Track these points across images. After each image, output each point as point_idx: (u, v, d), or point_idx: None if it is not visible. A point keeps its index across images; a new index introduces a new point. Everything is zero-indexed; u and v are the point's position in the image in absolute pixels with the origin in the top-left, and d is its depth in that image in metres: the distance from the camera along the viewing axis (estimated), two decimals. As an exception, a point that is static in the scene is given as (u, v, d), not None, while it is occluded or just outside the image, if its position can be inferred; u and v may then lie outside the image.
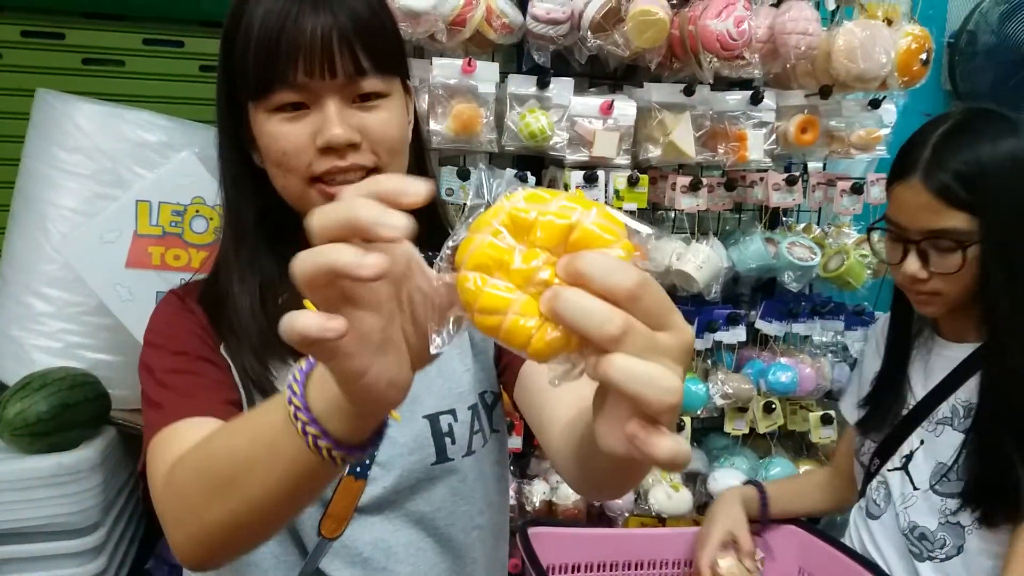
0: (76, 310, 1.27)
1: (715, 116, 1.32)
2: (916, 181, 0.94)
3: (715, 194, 1.38)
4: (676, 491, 1.36)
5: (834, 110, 1.38)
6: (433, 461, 0.76)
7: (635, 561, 1.27)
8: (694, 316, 1.38)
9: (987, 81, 2.72)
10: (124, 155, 1.28)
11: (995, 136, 0.93)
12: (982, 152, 0.92)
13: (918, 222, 0.96)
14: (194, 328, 0.74)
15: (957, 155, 0.92)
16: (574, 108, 1.27)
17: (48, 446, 1.13)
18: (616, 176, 1.29)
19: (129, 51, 1.60)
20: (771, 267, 1.36)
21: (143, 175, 1.29)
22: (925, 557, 1.05)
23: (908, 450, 1.08)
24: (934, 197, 0.93)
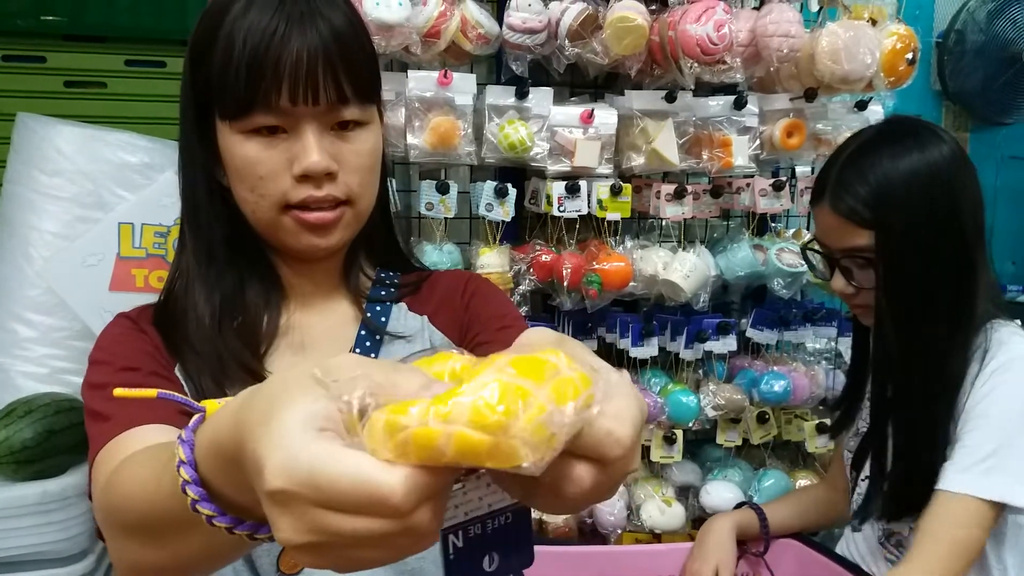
0: (61, 335, 1.26)
1: (698, 122, 1.30)
2: (825, 205, 1.00)
3: (701, 201, 1.36)
4: (669, 506, 1.33)
5: (820, 113, 1.35)
6: None
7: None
8: (683, 326, 1.36)
9: (976, 80, 2.70)
10: (105, 177, 1.27)
11: (898, 153, 0.96)
12: (881, 171, 0.96)
13: (834, 241, 1.01)
14: (145, 347, 0.71)
15: (860, 177, 0.97)
16: (554, 118, 1.25)
17: (34, 473, 1.11)
18: (599, 186, 1.27)
19: (111, 72, 1.59)
20: (760, 274, 1.34)
21: (125, 197, 1.28)
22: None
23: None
24: (841, 219, 0.98)
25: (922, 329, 0.98)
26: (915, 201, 0.95)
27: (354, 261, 0.78)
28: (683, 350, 1.36)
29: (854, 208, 0.97)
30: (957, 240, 0.96)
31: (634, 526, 1.32)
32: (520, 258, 1.29)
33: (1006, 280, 2.83)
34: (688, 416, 1.33)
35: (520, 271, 1.28)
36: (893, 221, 0.96)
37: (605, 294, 1.27)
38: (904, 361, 1.00)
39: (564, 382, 0.32)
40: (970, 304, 0.98)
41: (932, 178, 0.95)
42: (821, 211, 1.02)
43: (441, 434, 0.30)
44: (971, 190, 0.98)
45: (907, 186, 0.95)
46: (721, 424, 1.38)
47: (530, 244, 1.31)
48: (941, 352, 0.98)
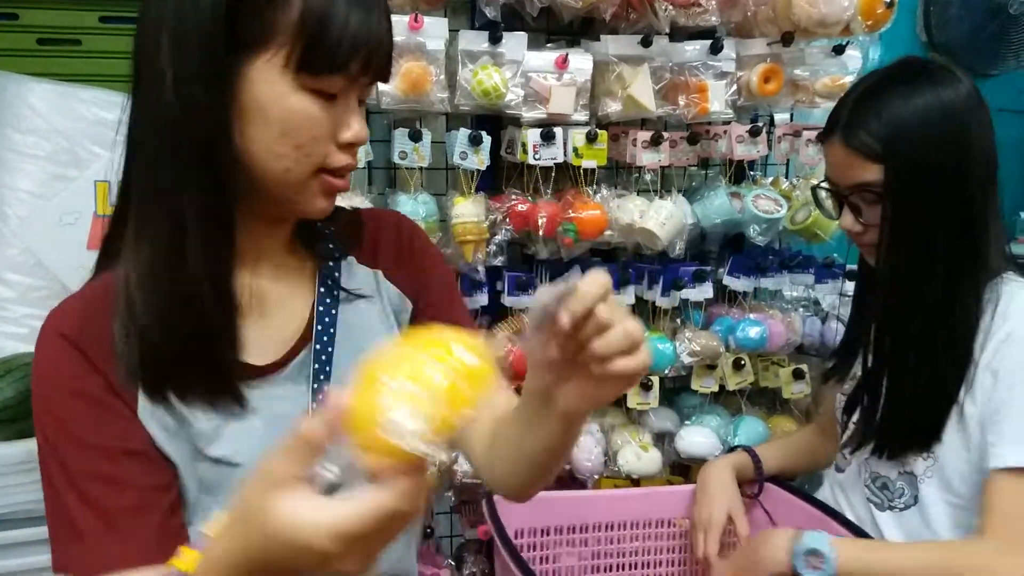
0: (39, 294, 1.25)
1: (674, 68, 1.29)
2: (837, 139, 1.00)
3: (678, 149, 1.35)
4: (645, 451, 1.35)
5: (797, 58, 1.34)
6: None
7: (605, 523, 1.26)
8: (659, 275, 1.36)
9: (963, 31, 2.68)
10: (80, 134, 1.26)
11: (912, 91, 0.96)
12: (895, 107, 0.96)
13: (844, 178, 1.01)
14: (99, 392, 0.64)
15: (873, 111, 0.97)
16: (528, 64, 1.24)
17: (16, 432, 1.12)
18: (574, 133, 1.27)
19: (85, 29, 1.55)
20: (736, 221, 1.34)
21: (101, 154, 1.27)
22: (886, 507, 1.05)
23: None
24: (852, 153, 0.98)
25: (924, 271, 0.97)
26: (927, 138, 0.94)
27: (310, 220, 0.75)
28: (659, 298, 1.36)
29: (865, 142, 0.96)
30: (967, 183, 0.95)
31: (611, 472, 1.34)
32: (496, 207, 1.29)
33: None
34: (664, 363, 1.34)
35: (496, 220, 1.28)
36: (904, 156, 0.95)
37: (581, 243, 1.28)
38: (904, 305, 0.99)
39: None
40: (977, 252, 0.96)
41: (945, 116, 0.94)
42: (832, 145, 1.01)
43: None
44: (985, 133, 0.98)
45: (920, 122, 0.94)
46: (697, 371, 1.40)
47: (506, 194, 1.31)
48: (944, 299, 0.96)
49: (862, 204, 1.00)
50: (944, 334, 0.96)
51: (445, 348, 0.45)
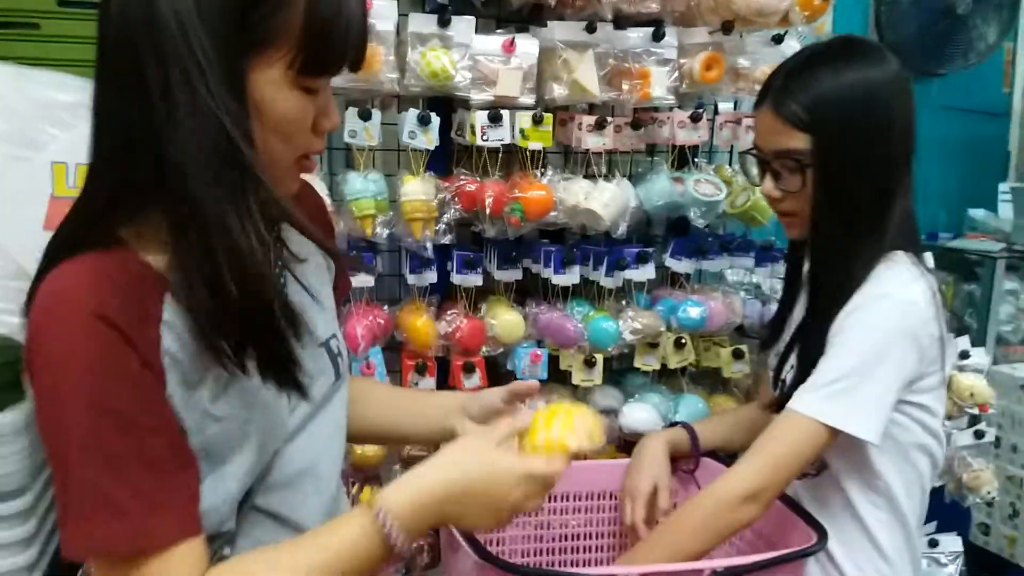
0: (-6, 275, 1.25)
1: (619, 54, 1.33)
2: (767, 106, 1.05)
3: (623, 134, 1.39)
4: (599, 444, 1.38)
5: (738, 47, 1.39)
6: (333, 380, 0.85)
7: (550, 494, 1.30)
8: (604, 256, 1.40)
9: (912, 31, 2.77)
10: (36, 116, 1.25)
11: (842, 66, 1.01)
12: (824, 80, 1.01)
13: (770, 144, 1.06)
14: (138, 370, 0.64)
15: (803, 83, 1.02)
16: (476, 47, 1.27)
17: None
18: (521, 116, 1.30)
19: (43, 13, 1.53)
20: (678, 204, 1.38)
21: (57, 136, 1.26)
22: (808, 472, 1.10)
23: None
24: (780, 120, 1.03)
25: (837, 241, 1.03)
26: (852, 112, 1.00)
27: None
28: (603, 278, 1.41)
29: (793, 110, 1.01)
30: (884, 158, 1.01)
31: (556, 446, 1.38)
32: (445, 187, 1.31)
33: (939, 227, 2.94)
34: (607, 341, 1.38)
35: (445, 200, 1.31)
36: (828, 126, 1.00)
37: (527, 222, 1.31)
38: (816, 272, 1.06)
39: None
40: (880, 226, 1.02)
41: (870, 93, 1.00)
42: (762, 113, 1.06)
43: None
44: (905, 112, 1.03)
45: (846, 96, 1.00)
46: (639, 348, 1.44)
47: (455, 175, 1.34)
48: (848, 269, 1.02)
49: (784, 171, 1.05)
50: (834, 296, 1.02)
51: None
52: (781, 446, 0.99)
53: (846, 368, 0.98)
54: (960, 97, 2.96)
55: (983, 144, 3.05)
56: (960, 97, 2.96)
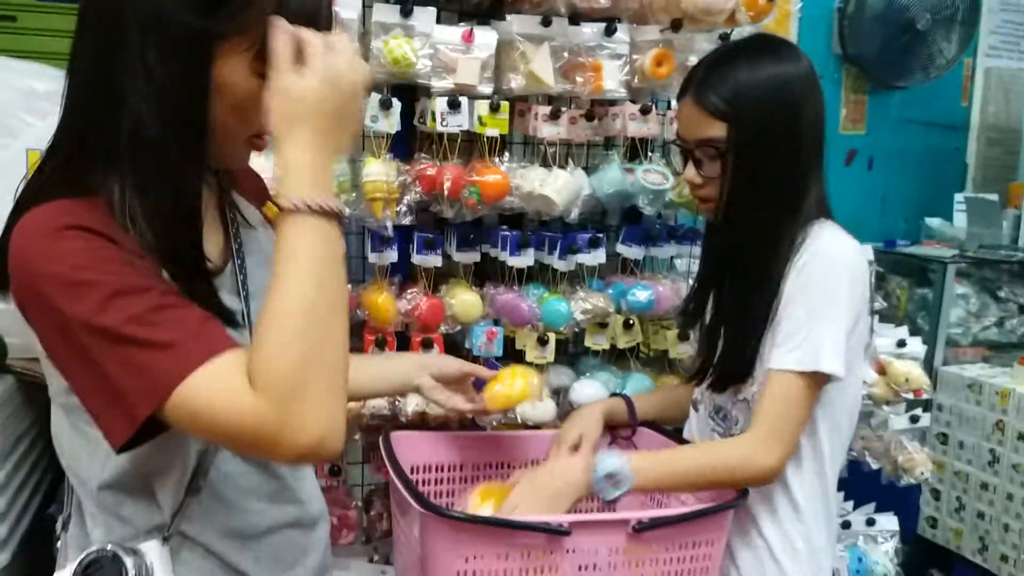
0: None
1: (573, 48, 1.40)
2: (689, 97, 1.13)
3: (579, 125, 1.46)
4: (541, 401, 1.45)
5: (688, 45, 1.47)
6: None
7: (498, 461, 1.36)
8: (558, 240, 1.47)
9: (875, 45, 2.88)
10: (12, 104, 1.29)
11: (758, 61, 1.10)
12: (742, 73, 1.10)
13: (692, 133, 1.13)
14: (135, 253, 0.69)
15: (722, 75, 1.10)
16: (437, 37, 1.34)
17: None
18: (479, 103, 1.37)
19: (21, 6, 1.58)
20: (628, 193, 1.46)
21: (33, 124, 1.30)
22: (727, 434, 1.18)
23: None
24: (700, 111, 1.10)
25: (754, 219, 1.11)
26: (767, 103, 1.09)
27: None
28: (557, 262, 1.48)
29: (713, 101, 1.09)
30: (796, 145, 1.10)
31: (508, 419, 1.44)
32: (406, 170, 1.38)
33: (898, 235, 3.04)
34: (560, 321, 1.45)
35: (406, 182, 1.37)
36: (745, 116, 1.08)
37: (483, 205, 1.38)
38: (736, 250, 1.14)
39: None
40: (797, 205, 1.11)
41: (784, 86, 1.09)
42: (684, 104, 1.14)
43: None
44: (815, 104, 1.12)
45: (763, 89, 1.09)
46: (590, 329, 1.51)
47: (416, 159, 1.40)
48: (765, 242, 1.11)
49: (704, 159, 1.13)
50: (760, 273, 1.11)
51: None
52: (774, 405, 1.06)
53: (800, 319, 1.06)
54: (920, 110, 3.07)
55: (942, 156, 3.16)
56: (920, 110, 3.07)
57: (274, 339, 0.66)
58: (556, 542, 1.00)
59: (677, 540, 1.06)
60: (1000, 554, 2.40)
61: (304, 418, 0.65)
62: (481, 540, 0.98)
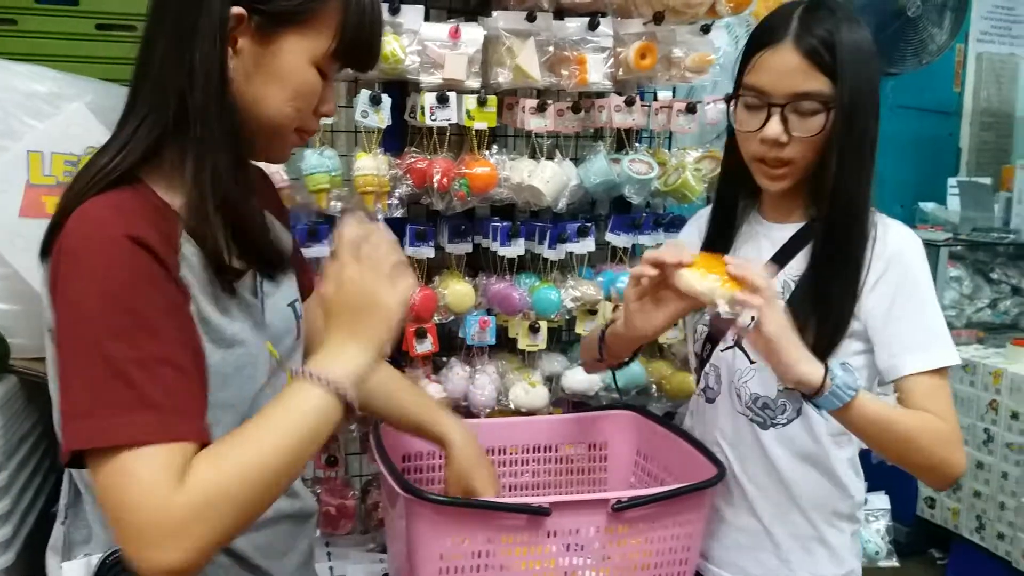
0: (-31, 259, 1.27)
1: (558, 42, 1.44)
2: (787, 45, 1.01)
3: (566, 117, 1.50)
4: (533, 387, 1.49)
5: (670, 37, 1.50)
6: (295, 338, 0.94)
7: (491, 447, 1.40)
8: (548, 230, 1.51)
9: (865, 31, 2.89)
10: (13, 106, 1.29)
11: (849, 19, 1.03)
12: (841, 27, 1.01)
13: (785, 86, 1.02)
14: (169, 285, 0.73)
15: (822, 25, 1.01)
16: (425, 34, 1.38)
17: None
18: (467, 98, 1.41)
19: (21, 9, 1.58)
20: (614, 183, 1.49)
21: (34, 126, 1.30)
22: (769, 425, 1.13)
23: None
24: (804, 59, 1.00)
25: (853, 186, 1.03)
26: (867, 63, 1.02)
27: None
28: (547, 251, 1.51)
29: (817, 49, 0.99)
30: (878, 111, 1.04)
31: (501, 406, 1.49)
32: (397, 164, 1.42)
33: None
34: (551, 309, 1.49)
35: (397, 176, 1.41)
36: (851, 73, 1.00)
37: (472, 197, 1.42)
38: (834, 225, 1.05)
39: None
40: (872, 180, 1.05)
41: (874, 51, 1.03)
42: (776, 53, 1.02)
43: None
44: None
45: (864, 49, 1.02)
46: (580, 316, 1.55)
47: (407, 153, 1.44)
48: (864, 219, 1.05)
49: (794, 116, 1.02)
50: (846, 251, 1.06)
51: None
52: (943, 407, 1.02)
53: (932, 313, 1.05)
54: (913, 96, 3.09)
55: (935, 141, 3.19)
56: (913, 96, 3.09)
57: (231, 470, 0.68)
58: (537, 522, 1.02)
59: (658, 519, 1.07)
60: (997, 532, 2.44)
61: (191, 543, 0.65)
62: (463, 522, 1.01)
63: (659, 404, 1.60)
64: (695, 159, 1.54)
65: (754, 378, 1.14)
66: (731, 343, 1.17)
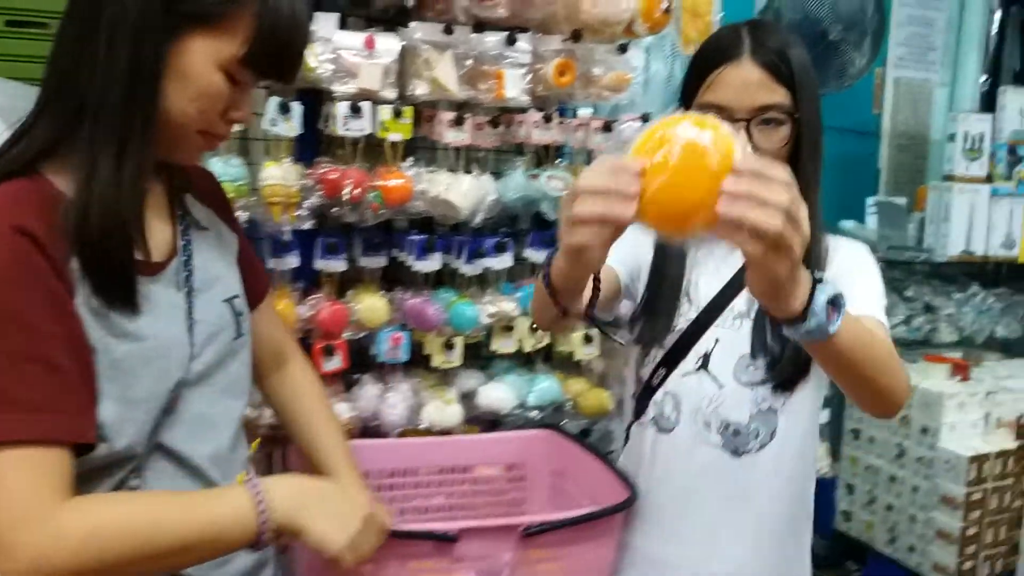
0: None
1: (477, 56, 1.42)
2: (746, 60, 0.99)
3: (485, 131, 1.48)
4: (448, 405, 1.46)
5: (589, 55, 1.51)
6: (234, 337, 0.92)
7: (402, 469, 1.37)
8: (464, 245, 1.49)
9: (789, 52, 2.98)
10: None
11: (791, 35, 1.05)
12: (789, 41, 1.02)
13: (748, 100, 0.99)
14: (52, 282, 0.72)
15: (773, 39, 1.01)
16: (339, 42, 1.34)
17: None
18: (382, 109, 1.38)
19: None
20: (531, 198, 1.49)
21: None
22: (741, 452, 1.08)
23: (704, 351, 1.09)
24: (764, 72, 0.99)
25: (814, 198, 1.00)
26: (812, 77, 1.02)
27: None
28: (464, 266, 1.49)
29: (775, 62, 0.98)
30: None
31: (413, 425, 1.45)
32: (308, 174, 1.38)
33: (816, 239, 3.15)
34: (467, 325, 1.47)
35: (308, 186, 1.37)
36: (805, 84, 1.00)
37: (386, 209, 1.39)
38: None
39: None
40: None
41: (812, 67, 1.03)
42: (736, 68, 0.99)
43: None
44: None
45: (807, 62, 1.02)
46: (497, 332, 1.53)
47: (318, 162, 1.40)
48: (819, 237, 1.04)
49: (757, 130, 1.00)
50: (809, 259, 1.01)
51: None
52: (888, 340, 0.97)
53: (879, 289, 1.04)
54: (834, 117, 3.14)
55: (856, 161, 3.29)
56: (834, 117, 3.14)
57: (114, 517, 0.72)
58: (445, 549, 1.01)
59: (571, 544, 1.07)
60: (908, 545, 2.52)
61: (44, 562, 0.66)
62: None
63: (575, 422, 1.60)
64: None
65: (724, 403, 1.07)
66: (695, 367, 1.09)
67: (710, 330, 1.09)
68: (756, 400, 1.07)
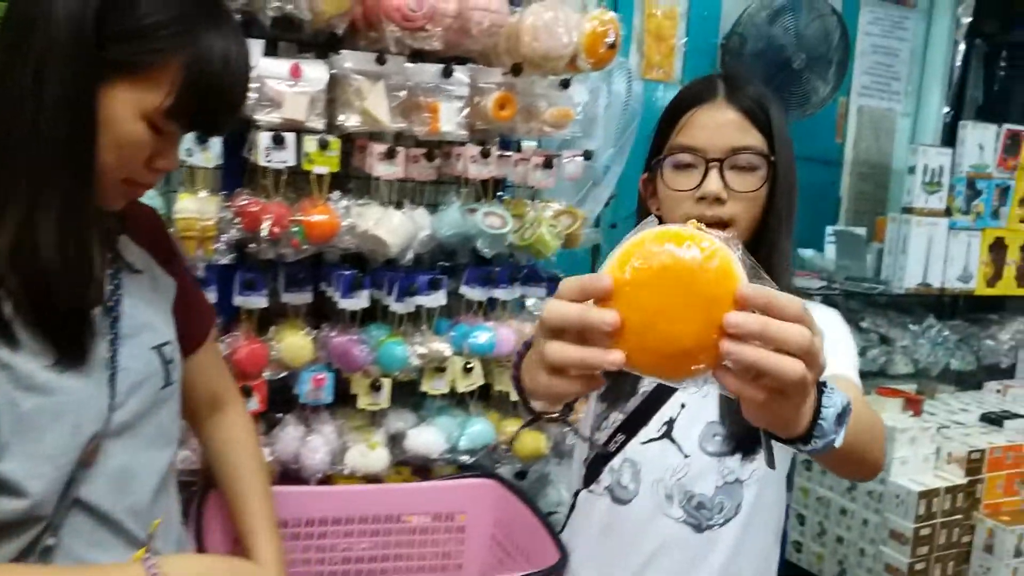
0: None
1: (412, 87, 1.37)
2: (721, 102, 0.98)
3: (419, 164, 1.43)
4: (372, 450, 1.40)
5: (529, 89, 1.46)
6: (162, 386, 0.90)
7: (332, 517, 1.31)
8: (395, 281, 1.43)
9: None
10: None
11: (764, 87, 1.04)
12: (763, 90, 1.02)
13: (723, 140, 0.97)
14: None
15: (748, 87, 1.01)
16: (264, 70, 1.28)
17: None
18: (308, 139, 1.31)
19: None
20: (467, 234, 1.43)
21: None
22: (704, 527, 1.01)
23: (668, 417, 1.03)
24: (739, 114, 0.98)
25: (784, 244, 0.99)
26: (786, 128, 1.01)
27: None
28: (394, 303, 1.43)
29: (750, 105, 0.98)
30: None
31: (336, 470, 1.39)
32: (227, 206, 1.31)
33: (776, 266, 3.14)
34: (396, 364, 1.41)
35: (226, 219, 1.30)
36: (780, 132, 0.99)
37: (309, 245, 1.32)
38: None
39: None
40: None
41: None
42: (711, 109, 0.98)
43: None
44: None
45: (781, 112, 1.02)
46: (428, 373, 1.47)
47: (237, 194, 1.33)
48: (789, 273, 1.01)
49: (732, 172, 0.96)
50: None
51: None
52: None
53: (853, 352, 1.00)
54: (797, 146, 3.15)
55: (818, 190, 3.28)
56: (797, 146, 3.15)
57: None
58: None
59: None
60: (857, 578, 2.50)
61: None
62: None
63: (509, 465, 1.54)
64: (553, 214, 1.50)
65: (688, 474, 1.01)
66: (658, 434, 1.03)
67: (676, 395, 1.03)
68: (722, 472, 1.01)
